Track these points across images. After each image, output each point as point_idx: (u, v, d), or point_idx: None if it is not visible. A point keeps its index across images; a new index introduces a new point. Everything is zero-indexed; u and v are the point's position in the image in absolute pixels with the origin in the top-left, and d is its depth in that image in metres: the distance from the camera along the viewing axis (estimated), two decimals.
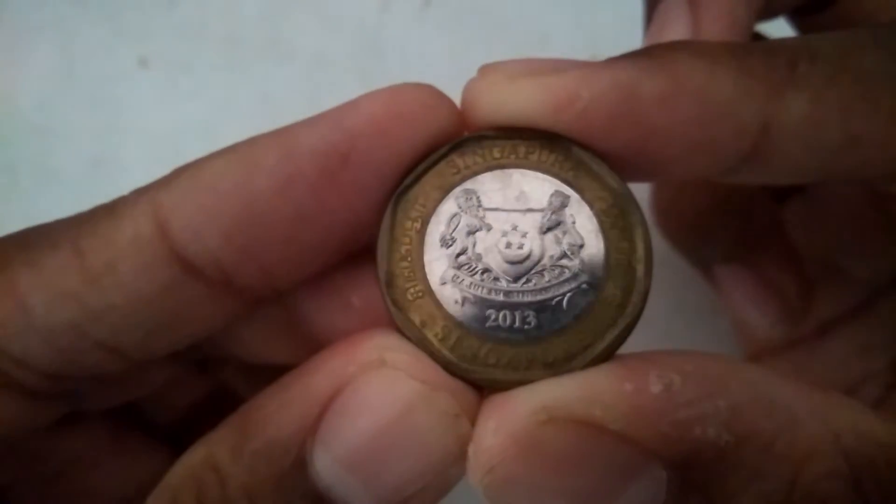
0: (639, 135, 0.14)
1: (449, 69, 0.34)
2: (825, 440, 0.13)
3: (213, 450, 0.15)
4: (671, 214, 0.25)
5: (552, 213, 0.15)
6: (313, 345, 0.16)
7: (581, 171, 0.15)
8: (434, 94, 0.15)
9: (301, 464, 0.14)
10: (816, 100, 0.14)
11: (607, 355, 0.14)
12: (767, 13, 0.19)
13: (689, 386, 0.13)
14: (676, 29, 0.18)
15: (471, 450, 0.13)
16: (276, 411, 0.14)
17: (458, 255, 0.14)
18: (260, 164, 0.14)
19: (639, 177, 0.16)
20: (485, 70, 0.15)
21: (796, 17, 0.22)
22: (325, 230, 0.15)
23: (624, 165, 0.15)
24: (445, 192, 0.15)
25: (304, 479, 0.14)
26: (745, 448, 0.13)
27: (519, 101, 0.14)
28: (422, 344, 0.14)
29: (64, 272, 0.14)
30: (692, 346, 0.28)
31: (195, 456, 0.15)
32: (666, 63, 0.14)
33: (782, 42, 0.15)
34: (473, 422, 0.14)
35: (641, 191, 0.24)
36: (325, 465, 0.14)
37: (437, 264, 0.15)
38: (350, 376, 0.14)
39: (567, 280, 0.14)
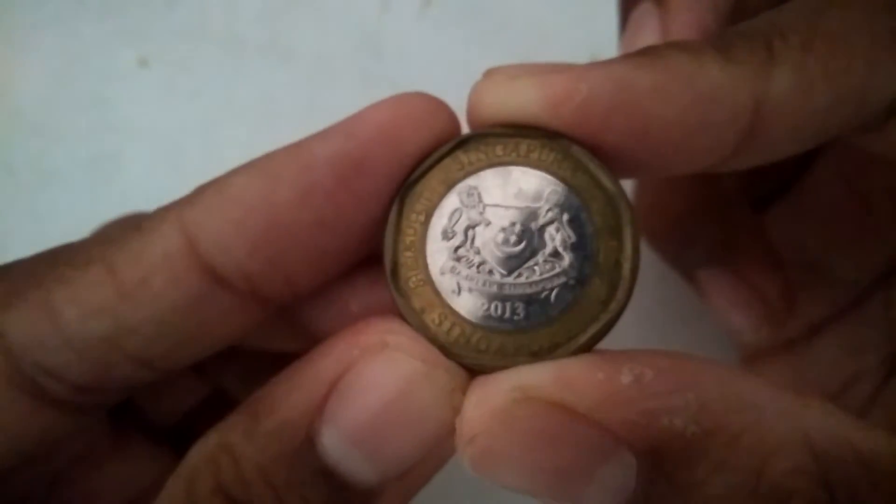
0: (637, 125, 0.15)
1: (449, 69, 0.34)
2: (793, 438, 0.14)
3: (227, 434, 0.15)
4: (652, 219, 0.26)
5: (548, 210, 0.15)
6: (311, 341, 0.17)
7: (578, 170, 0.15)
8: (433, 102, 0.16)
9: (310, 442, 0.15)
10: (797, 70, 0.15)
11: (588, 347, 0.15)
12: (735, 19, 0.20)
13: (659, 379, 0.14)
14: (647, 35, 0.19)
15: (457, 422, 0.14)
16: (286, 395, 0.15)
17: (458, 247, 0.16)
18: (280, 176, 0.15)
19: (641, 171, 0.17)
20: (489, 72, 0.16)
21: None
22: (343, 235, 0.16)
23: (624, 159, 0.16)
24: (449, 187, 0.16)
25: (313, 456, 0.15)
26: (711, 440, 0.14)
27: (520, 98, 0.15)
28: (421, 328, 0.15)
29: (98, 288, 0.15)
30: (690, 347, 0.28)
31: (209, 441, 0.16)
32: (657, 58, 0.15)
33: (754, 25, 0.17)
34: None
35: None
36: (332, 441, 0.15)
37: (437, 255, 0.16)
38: (354, 359, 0.15)
39: (557, 275, 0.15)
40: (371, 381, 0.15)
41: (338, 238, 0.16)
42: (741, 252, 0.25)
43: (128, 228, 0.16)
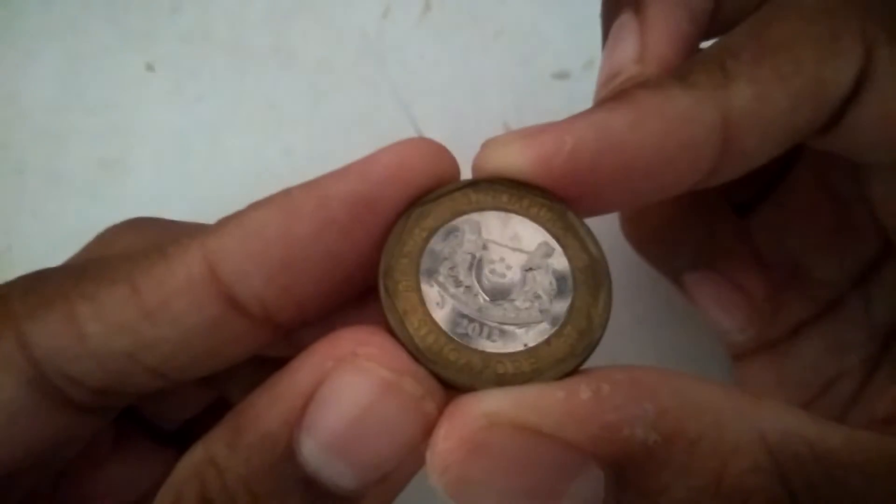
0: (622, 162, 0.17)
1: (448, 75, 0.35)
2: (749, 438, 0.15)
3: (211, 447, 0.16)
4: (638, 225, 0.27)
5: (537, 258, 0.17)
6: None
7: (570, 232, 0.17)
8: (436, 146, 0.17)
9: (290, 452, 0.15)
10: (752, 81, 0.17)
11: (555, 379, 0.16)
12: (713, 31, 0.21)
13: (617, 392, 0.15)
14: (626, 47, 0.20)
15: (428, 455, 0.15)
16: (266, 407, 0.16)
17: (450, 266, 0.17)
18: (298, 212, 0.16)
19: (633, 201, 0.19)
20: (485, 144, 0.18)
21: None
22: (353, 267, 0.17)
23: (615, 194, 0.17)
24: (455, 215, 0.17)
25: (294, 466, 0.15)
26: (672, 446, 0.14)
27: (517, 161, 0.17)
28: (399, 329, 0.16)
29: (122, 307, 0.16)
30: (682, 351, 0.29)
31: (195, 454, 0.16)
32: (627, 100, 0.17)
33: (707, 52, 0.18)
34: (438, 403, 0.16)
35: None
36: (311, 451, 0.15)
37: (430, 269, 0.17)
38: (328, 370, 0.15)
39: (534, 314, 0.16)
40: (342, 391, 0.15)
41: (349, 269, 0.17)
42: (726, 255, 0.25)
43: (152, 252, 0.17)
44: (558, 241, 0.17)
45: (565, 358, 0.16)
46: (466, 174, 0.18)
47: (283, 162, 0.34)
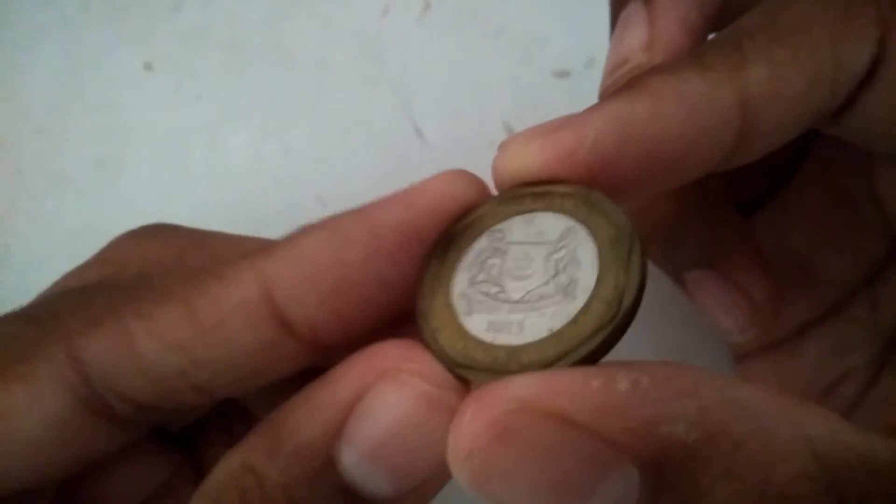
0: (644, 150, 0.17)
1: (449, 74, 0.34)
2: (797, 444, 0.14)
3: (249, 455, 0.16)
4: (641, 223, 0.26)
5: (561, 246, 0.17)
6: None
7: (594, 211, 0.17)
8: (474, 178, 0.18)
9: (330, 461, 0.16)
10: (768, 62, 0.17)
11: (582, 364, 0.15)
12: (721, 21, 0.21)
13: (656, 385, 0.14)
14: (635, 35, 0.20)
15: (450, 440, 0.14)
16: (305, 418, 0.16)
17: (477, 276, 0.17)
18: (349, 239, 0.17)
19: (654, 188, 0.18)
20: (503, 144, 0.18)
21: None
22: (396, 290, 0.18)
23: (638, 183, 0.17)
24: (482, 231, 0.18)
25: (333, 475, 0.16)
26: (714, 447, 0.13)
27: (538, 159, 0.17)
28: (432, 343, 0.17)
29: (177, 325, 0.17)
30: (686, 349, 0.29)
31: (231, 462, 0.17)
32: (644, 87, 0.17)
33: (722, 34, 0.18)
34: None
35: None
36: (351, 460, 0.16)
37: (459, 284, 0.17)
38: (370, 384, 0.16)
39: (558, 300, 0.16)
40: (385, 404, 0.16)
41: (395, 294, 0.18)
42: (729, 255, 0.25)
43: (206, 273, 0.17)
44: (583, 222, 0.17)
45: (593, 334, 0.15)
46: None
47: (281, 161, 0.33)
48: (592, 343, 0.15)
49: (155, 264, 0.21)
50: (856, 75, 0.18)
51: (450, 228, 0.18)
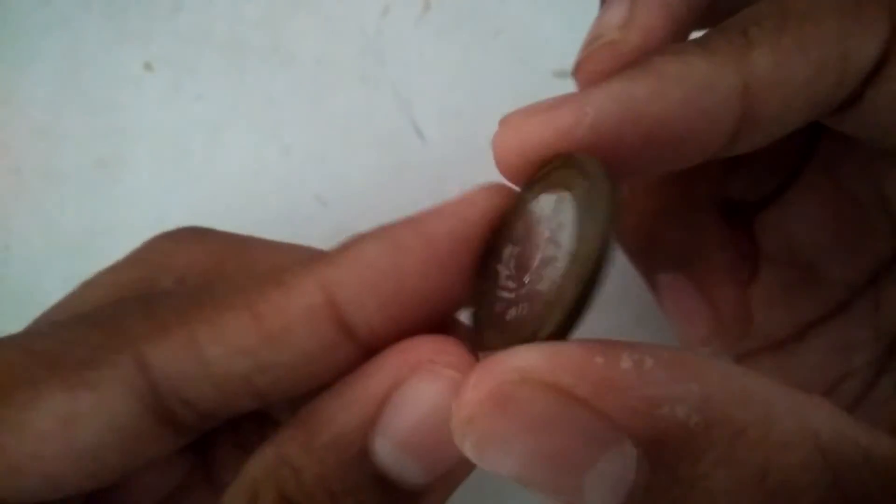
0: (644, 130, 0.17)
1: (449, 74, 0.34)
2: (801, 435, 0.14)
3: (284, 449, 0.17)
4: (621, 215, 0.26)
5: (554, 219, 0.17)
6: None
7: (580, 173, 0.16)
8: (510, 189, 0.19)
9: (364, 452, 0.17)
10: (774, 49, 0.17)
11: (566, 326, 0.15)
12: (710, 19, 0.20)
13: (660, 367, 0.14)
14: (614, 13, 0.19)
15: (454, 406, 0.14)
16: (341, 410, 0.17)
17: (496, 268, 0.18)
18: (408, 248, 0.18)
19: (653, 169, 0.19)
20: (503, 120, 0.18)
21: None
22: (448, 298, 0.18)
23: (637, 163, 0.18)
24: (508, 234, 0.18)
25: (368, 464, 0.17)
26: (716, 431, 0.13)
27: (538, 134, 0.17)
28: (482, 344, 0.18)
29: (243, 331, 0.17)
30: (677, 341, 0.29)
31: (266, 455, 0.17)
32: (647, 67, 0.17)
33: (729, 21, 0.18)
34: None
35: None
36: (386, 450, 0.16)
37: (485, 279, 0.18)
38: (405, 377, 0.17)
39: (551, 270, 0.16)
40: (421, 395, 0.17)
41: (445, 300, 0.18)
42: (704, 262, 0.25)
43: (266, 281, 0.18)
44: (570, 189, 0.16)
45: (570, 293, 0.15)
46: (470, 173, 0.18)
47: (281, 161, 0.33)
48: (568, 302, 0.15)
49: (195, 268, 0.21)
50: (863, 68, 0.18)
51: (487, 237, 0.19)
